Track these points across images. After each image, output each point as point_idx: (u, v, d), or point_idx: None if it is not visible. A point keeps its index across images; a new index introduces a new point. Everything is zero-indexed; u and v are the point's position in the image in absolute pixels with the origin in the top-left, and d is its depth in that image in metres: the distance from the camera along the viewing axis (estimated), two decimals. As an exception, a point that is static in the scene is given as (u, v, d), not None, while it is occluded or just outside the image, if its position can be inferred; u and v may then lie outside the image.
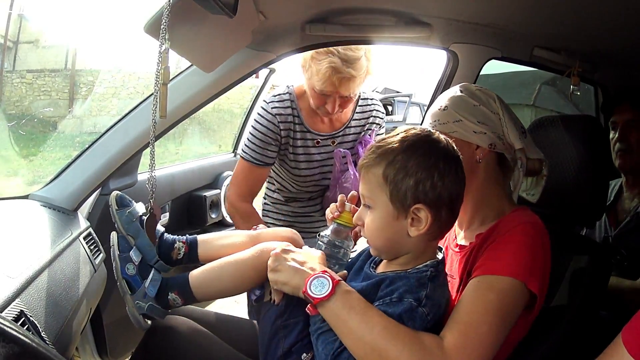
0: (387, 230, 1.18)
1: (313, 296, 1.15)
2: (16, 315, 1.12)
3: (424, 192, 1.13)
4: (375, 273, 1.27)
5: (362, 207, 1.23)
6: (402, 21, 1.83)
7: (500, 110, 1.36)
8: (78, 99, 10.17)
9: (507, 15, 1.84)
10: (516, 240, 1.21)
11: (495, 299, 1.14)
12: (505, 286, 1.16)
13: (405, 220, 1.16)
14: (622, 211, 2.17)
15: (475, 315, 1.13)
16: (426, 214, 1.14)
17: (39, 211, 1.79)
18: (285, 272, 1.24)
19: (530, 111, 6.70)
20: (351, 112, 2.15)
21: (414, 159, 1.14)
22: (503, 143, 1.35)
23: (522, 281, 1.17)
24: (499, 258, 1.20)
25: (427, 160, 1.14)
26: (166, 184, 2.71)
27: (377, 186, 1.17)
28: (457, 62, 2.06)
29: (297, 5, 1.69)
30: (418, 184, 1.13)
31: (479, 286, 1.18)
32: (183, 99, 1.81)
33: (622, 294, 1.87)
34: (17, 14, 9.35)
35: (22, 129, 7.19)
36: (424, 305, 1.14)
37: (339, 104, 1.96)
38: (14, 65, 10.23)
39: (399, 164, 1.14)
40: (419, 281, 1.16)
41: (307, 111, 2.08)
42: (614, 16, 1.65)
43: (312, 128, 2.10)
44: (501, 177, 1.39)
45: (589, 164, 1.46)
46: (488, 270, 1.19)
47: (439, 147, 1.18)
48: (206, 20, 1.31)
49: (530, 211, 1.33)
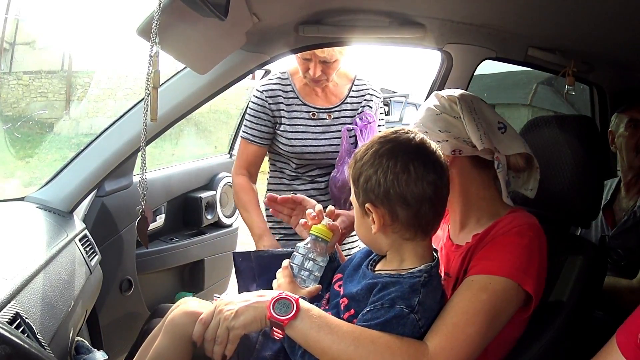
0: (360, 228, 1.25)
1: (281, 318, 1.13)
2: (12, 317, 1.12)
3: (371, 189, 1.16)
4: (371, 272, 1.26)
5: None
6: (396, 22, 1.84)
7: (461, 112, 1.35)
8: (74, 100, 10.16)
9: (502, 15, 1.85)
10: (512, 242, 1.22)
11: (487, 299, 1.15)
12: (499, 287, 1.16)
13: (368, 219, 1.19)
14: (619, 211, 2.17)
15: (465, 316, 1.13)
16: (376, 212, 1.16)
17: (35, 213, 1.79)
18: (242, 313, 1.19)
19: (527, 111, 6.71)
20: (347, 90, 2.18)
21: (366, 158, 1.18)
22: (471, 145, 1.33)
23: (517, 282, 1.17)
24: (494, 258, 1.20)
25: (374, 157, 1.16)
26: (162, 186, 2.71)
27: (351, 184, 1.22)
28: (452, 63, 2.06)
29: (290, 6, 1.69)
30: (366, 182, 1.16)
31: (472, 286, 1.18)
32: (178, 101, 1.81)
33: (619, 294, 1.87)
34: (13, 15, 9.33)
35: (19, 131, 7.17)
36: (416, 312, 1.13)
37: (320, 69, 2.01)
38: (10, 67, 10.21)
39: (361, 162, 1.18)
40: (411, 287, 1.15)
41: (302, 86, 2.15)
42: (608, 16, 1.66)
43: (308, 101, 2.15)
44: (486, 178, 1.38)
45: (584, 164, 1.46)
46: (483, 270, 1.19)
47: (397, 145, 1.17)
48: (199, 22, 1.32)
49: (526, 212, 1.33)
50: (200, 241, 2.94)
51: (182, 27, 1.36)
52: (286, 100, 2.13)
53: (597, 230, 2.18)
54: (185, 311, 1.34)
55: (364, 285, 1.21)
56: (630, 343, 0.86)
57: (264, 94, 2.12)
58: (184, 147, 6.85)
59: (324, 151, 2.14)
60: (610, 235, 2.10)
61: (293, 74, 2.17)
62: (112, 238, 2.26)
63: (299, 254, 1.37)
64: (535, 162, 1.39)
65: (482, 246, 1.26)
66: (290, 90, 2.14)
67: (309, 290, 1.34)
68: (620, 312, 0.97)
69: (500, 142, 1.34)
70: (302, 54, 1.99)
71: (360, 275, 1.29)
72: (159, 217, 2.69)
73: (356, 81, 2.20)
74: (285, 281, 1.35)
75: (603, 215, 2.16)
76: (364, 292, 1.20)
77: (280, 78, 2.16)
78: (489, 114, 1.39)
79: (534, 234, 1.25)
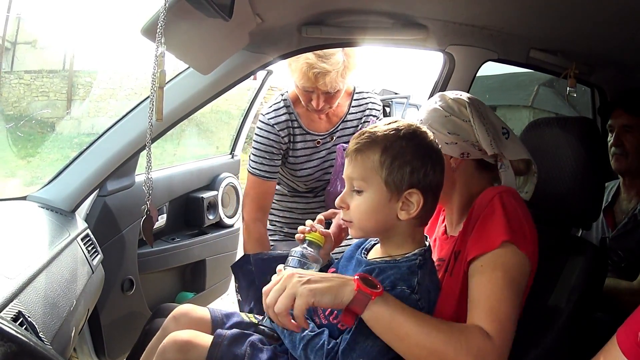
0: (379, 213, 1.21)
1: (371, 290, 1.08)
2: (14, 315, 1.13)
3: (418, 178, 1.19)
4: (366, 259, 1.29)
5: (348, 191, 1.25)
6: (399, 23, 1.84)
7: (471, 117, 1.38)
8: (76, 100, 10.17)
9: (504, 17, 1.85)
10: (495, 212, 1.24)
11: (502, 274, 1.17)
12: (504, 257, 1.19)
13: (396, 204, 1.20)
14: (619, 212, 2.17)
15: (494, 298, 1.15)
16: (418, 198, 1.19)
17: (37, 212, 1.79)
18: (316, 281, 1.10)
19: (529, 112, 6.71)
20: (347, 107, 2.17)
21: (411, 147, 1.19)
22: (479, 149, 1.37)
23: (513, 243, 1.19)
24: (487, 235, 1.22)
25: (421, 150, 1.20)
26: (164, 186, 2.71)
27: (372, 169, 1.20)
28: (454, 64, 2.07)
29: (293, 7, 1.70)
30: (414, 171, 1.18)
31: (484, 270, 1.19)
32: (180, 101, 1.81)
33: (619, 296, 1.88)
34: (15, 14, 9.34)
35: (20, 130, 7.19)
36: (416, 292, 1.17)
37: (323, 99, 1.99)
38: (12, 66, 10.23)
39: (396, 150, 1.19)
40: (409, 269, 1.20)
41: (304, 114, 2.12)
42: (610, 18, 1.66)
43: (311, 129, 2.13)
44: (485, 179, 1.42)
45: (585, 165, 1.46)
46: (482, 249, 1.21)
47: (429, 139, 1.24)
48: (203, 22, 1.32)
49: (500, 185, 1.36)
50: (202, 241, 2.94)
51: (186, 27, 1.36)
52: (292, 130, 2.11)
53: (598, 231, 2.19)
54: (176, 341, 1.35)
55: (363, 271, 1.22)
56: (630, 341, 0.86)
57: (276, 128, 2.08)
58: (186, 147, 6.85)
59: (328, 172, 2.16)
60: (611, 236, 2.11)
61: (294, 101, 2.13)
62: (114, 237, 2.26)
63: (294, 257, 1.38)
64: (534, 167, 1.42)
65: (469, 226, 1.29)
66: (294, 119, 2.12)
67: None
68: (621, 314, 0.97)
69: (505, 148, 1.37)
70: (303, 87, 1.97)
71: (355, 264, 1.31)
72: (161, 217, 2.69)
73: (355, 95, 2.19)
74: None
75: (604, 217, 2.17)
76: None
77: (286, 106, 2.12)
78: (494, 119, 1.42)
79: (511, 197, 1.28)
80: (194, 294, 2.90)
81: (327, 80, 1.92)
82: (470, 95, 1.45)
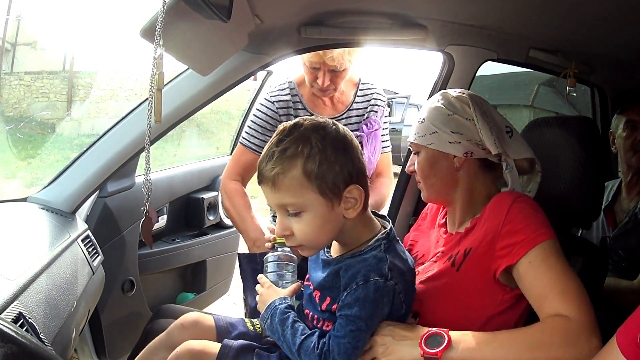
0: (326, 225, 1.19)
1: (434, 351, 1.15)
2: (15, 317, 1.13)
3: (349, 172, 1.16)
4: (332, 257, 1.27)
5: (283, 217, 1.19)
6: (398, 23, 1.84)
7: (474, 115, 1.36)
8: (76, 101, 10.18)
9: (503, 17, 1.85)
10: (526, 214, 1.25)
11: (555, 259, 1.20)
12: (548, 247, 1.21)
13: (339, 207, 1.17)
14: (620, 212, 2.17)
15: (557, 282, 1.17)
16: (359, 191, 1.17)
17: (37, 214, 1.79)
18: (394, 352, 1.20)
19: (529, 112, 6.71)
20: (353, 96, 2.18)
21: (329, 146, 1.15)
22: (483, 148, 1.36)
23: (552, 238, 1.22)
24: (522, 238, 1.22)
25: (338, 140, 1.17)
26: (164, 186, 2.71)
27: (301, 188, 1.14)
28: (453, 64, 2.06)
29: (292, 8, 1.70)
30: (343, 167, 1.15)
31: (534, 264, 1.20)
32: (180, 102, 1.81)
33: (620, 295, 1.88)
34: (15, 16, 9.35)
35: (21, 132, 7.19)
36: (391, 279, 1.17)
37: (329, 78, 2.00)
38: (12, 68, 10.24)
39: (315, 154, 1.13)
40: (376, 257, 1.19)
41: (309, 96, 2.13)
42: (609, 17, 1.66)
43: (315, 111, 2.13)
44: (489, 179, 1.41)
45: (585, 165, 1.47)
46: (522, 251, 1.21)
47: (338, 129, 1.20)
48: (202, 24, 1.32)
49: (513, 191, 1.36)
50: (202, 242, 2.94)
51: (185, 28, 1.36)
52: (295, 112, 2.11)
53: (598, 231, 2.19)
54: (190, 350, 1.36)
55: (330, 272, 1.23)
56: (630, 343, 0.86)
57: (276, 105, 2.09)
58: (186, 148, 6.86)
59: None
60: (611, 236, 2.11)
61: (299, 84, 2.15)
62: (115, 239, 2.26)
63: (269, 262, 1.40)
64: (538, 166, 1.41)
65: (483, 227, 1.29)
66: (298, 101, 2.13)
67: (291, 289, 1.34)
68: (621, 313, 0.97)
69: (509, 147, 1.37)
70: (310, 63, 1.98)
71: (321, 265, 1.29)
72: (161, 217, 2.70)
73: (361, 85, 2.20)
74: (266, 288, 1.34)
75: (604, 216, 2.17)
76: (331, 277, 1.22)
77: (290, 88, 2.13)
78: (497, 117, 1.41)
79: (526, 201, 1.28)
80: (194, 295, 2.90)
81: (334, 54, 1.92)
82: (472, 92, 1.45)
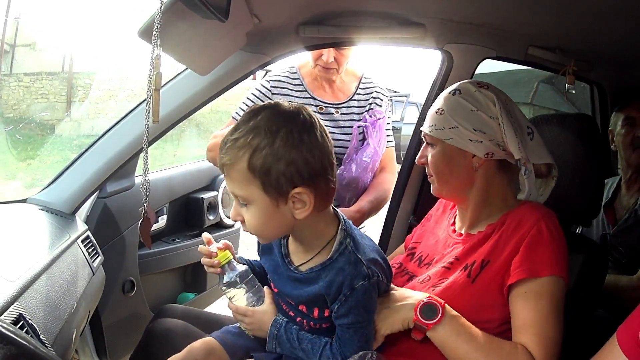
0: (271, 220, 1.12)
1: (426, 322, 1.18)
2: (15, 318, 1.13)
3: (299, 172, 1.06)
4: (300, 273, 1.22)
5: (236, 204, 1.14)
6: (396, 22, 1.84)
7: (499, 114, 1.28)
8: (75, 101, 10.17)
9: (502, 14, 1.85)
10: (543, 239, 1.22)
11: (547, 303, 1.19)
12: (551, 287, 1.20)
13: (286, 206, 1.10)
14: (620, 209, 2.17)
15: (539, 325, 1.18)
16: (307, 195, 1.08)
17: (37, 215, 1.79)
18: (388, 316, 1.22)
19: (528, 110, 6.71)
20: (354, 88, 2.19)
21: (279, 140, 1.05)
22: (503, 149, 1.29)
23: (561, 276, 1.21)
24: (533, 260, 1.21)
25: (292, 136, 1.06)
26: (164, 186, 2.71)
27: (246, 181, 1.08)
28: (452, 62, 2.06)
29: (290, 8, 1.70)
30: (289, 166, 1.05)
31: (529, 297, 1.20)
32: (179, 102, 1.81)
33: (620, 292, 1.87)
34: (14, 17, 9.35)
35: (20, 133, 7.19)
36: (373, 275, 1.17)
37: (333, 55, 2.02)
38: (11, 69, 10.24)
39: (264, 150, 1.05)
40: (350, 262, 1.16)
41: (311, 79, 2.17)
42: (608, 14, 1.66)
43: (316, 95, 2.15)
44: (505, 180, 1.35)
45: (585, 162, 1.46)
46: (526, 274, 1.20)
47: (296, 118, 1.09)
48: (200, 24, 1.32)
49: (539, 204, 1.33)
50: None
51: (183, 28, 1.36)
52: (294, 93, 2.13)
53: (598, 228, 2.19)
54: None
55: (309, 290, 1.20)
56: (630, 341, 0.86)
57: (269, 84, 2.14)
58: (186, 148, 6.86)
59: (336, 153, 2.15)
60: (611, 233, 2.11)
61: (301, 68, 2.18)
62: (115, 239, 2.26)
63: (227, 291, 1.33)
64: (554, 171, 1.37)
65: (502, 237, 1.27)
66: (299, 84, 2.15)
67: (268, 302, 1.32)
68: (622, 310, 0.97)
69: (530, 150, 1.30)
70: None
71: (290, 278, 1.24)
72: (161, 218, 2.69)
73: (363, 79, 2.21)
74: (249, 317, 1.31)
75: (604, 213, 2.17)
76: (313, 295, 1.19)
77: (289, 72, 2.17)
78: (520, 117, 1.34)
79: (557, 225, 1.26)
80: (195, 295, 2.90)
81: None
82: (497, 88, 1.37)
